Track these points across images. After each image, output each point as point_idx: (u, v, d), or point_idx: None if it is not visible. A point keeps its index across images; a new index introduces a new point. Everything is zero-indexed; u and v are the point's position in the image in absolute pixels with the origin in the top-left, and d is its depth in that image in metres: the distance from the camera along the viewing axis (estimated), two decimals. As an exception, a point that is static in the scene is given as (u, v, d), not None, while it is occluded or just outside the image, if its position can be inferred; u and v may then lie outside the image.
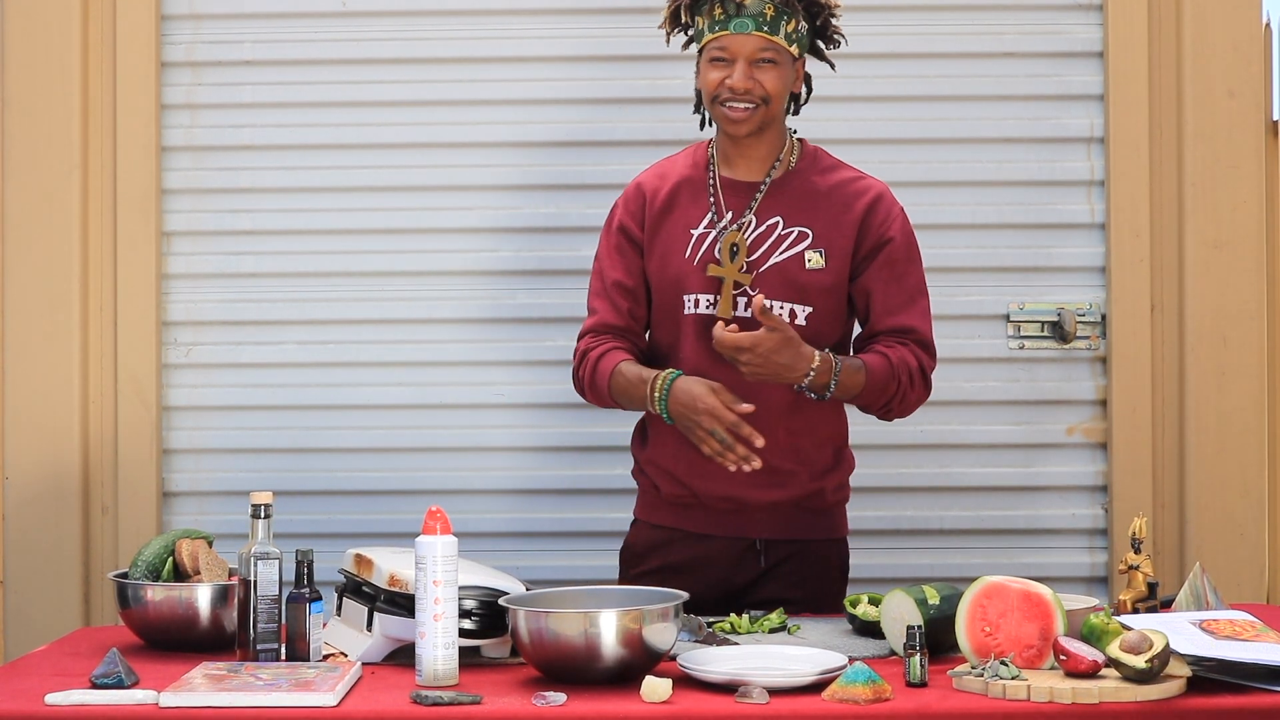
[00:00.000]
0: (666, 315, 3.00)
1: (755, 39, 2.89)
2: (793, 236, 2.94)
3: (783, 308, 2.92)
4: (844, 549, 3.09)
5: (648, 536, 3.05)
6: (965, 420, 3.79)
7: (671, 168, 3.07)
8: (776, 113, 2.95)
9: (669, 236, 2.99)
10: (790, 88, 2.97)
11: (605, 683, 2.32)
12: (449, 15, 3.82)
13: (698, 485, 2.96)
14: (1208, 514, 3.72)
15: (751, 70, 2.89)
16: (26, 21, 3.75)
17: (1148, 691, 2.20)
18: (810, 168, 3.00)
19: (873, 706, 2.19)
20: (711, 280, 2.94)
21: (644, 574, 2.99)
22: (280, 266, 3.82)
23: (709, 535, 2.99)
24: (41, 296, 3.75)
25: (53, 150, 3.75)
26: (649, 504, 3.06)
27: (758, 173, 2.99)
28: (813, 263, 2.93)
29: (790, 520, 2.99)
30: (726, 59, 2.90)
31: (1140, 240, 3.75)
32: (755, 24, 2.88)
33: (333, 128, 3.82)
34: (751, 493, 2.95)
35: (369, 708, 2.23)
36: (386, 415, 3.81)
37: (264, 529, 2.51)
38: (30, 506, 3.74)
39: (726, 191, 2.99)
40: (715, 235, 2.95)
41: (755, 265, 2.93)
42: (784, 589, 2.97)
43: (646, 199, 3.03)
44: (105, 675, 2.32)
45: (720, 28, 2.90)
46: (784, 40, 2.91)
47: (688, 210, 3.00)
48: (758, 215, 2.95)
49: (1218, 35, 3.73)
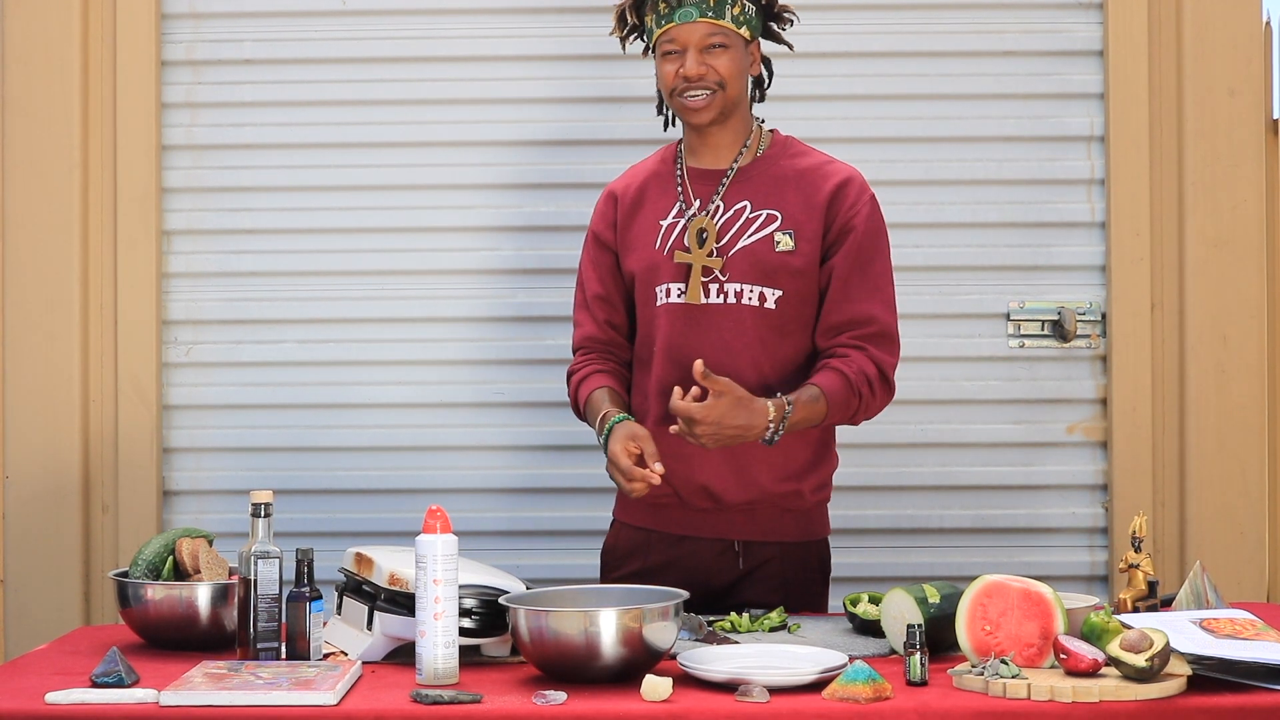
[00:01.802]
0: (642, 311, 3.01)
1: (702, 26, 2.89)
2: (761, 219, 2.93)
3: (752, 291, 2.91)
4: (825, 549, 3.05)
5: (628, 538, 3.03)
6: (965, 419, 3.80)
7: (641, 168, 3.09)
8: (735, 97, 2.94)
9: (640, 231, 3.00)
10: (747, 71, 2.97)
11: (605, 681, 2.32)
12: (449, 14, 3.82)
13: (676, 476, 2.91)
14: (1208, 512, 3.72)
15: (703, 57, 2.90)
16: (26, 21, 3.75)
17: (1148, 690, 2.20)
18: (780, 154, 2.99)
19: (873, 705, 2.19)
20: (682, 268, 2.93)
21: (624, 576, 2.97)
22: (280, 265, 3.82)
23: (687, 537, 2.97)
24: (41, 296, 3.75)
25: (53, 150, 3.75)
26: (627, 503, 3.04)
27: (724, 160, 2.99)
28: (782, 245, 2.91)
29: (768, 521, 2.97)
30: (677, 50, 2.91)
31: (1140, 239, 3.75)
32: (699, 11, 2.89)
33: (333, 126, 3.82)
34: (725, 488, 2.92)
35: (369, 706, 2.23)
36: (386, 414, 3.81)
37: (264, 528, 2.51)
38: (30, 505, 3.74)
39: (694, 180, 2.99)
40: (684, 223, 2.95)
41: (724, 250, 2.92)
42: (764, 592, 2.95)
43: (617, 200, 3.04)
44: (105, 674, 2.32)
45: (666, 21, 2.91)
46: (731, 23, 2.91)
47: (656, 203, 3.00)
48: (725, 200, 2.95)
49: (1218, 34, 3.73)
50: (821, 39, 3.78)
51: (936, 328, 3.81)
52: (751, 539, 2.96)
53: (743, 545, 2.97)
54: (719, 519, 2.96)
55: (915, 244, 3.79)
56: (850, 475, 3.78)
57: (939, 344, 3.80)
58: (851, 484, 3.78)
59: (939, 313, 3.80)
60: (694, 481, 2.93)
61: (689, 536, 2.97)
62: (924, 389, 3.79)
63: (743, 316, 2.90)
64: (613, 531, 3.09)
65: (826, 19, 3.79)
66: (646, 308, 2.99)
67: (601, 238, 3.05)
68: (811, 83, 3.79)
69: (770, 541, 2.97)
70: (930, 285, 3.80)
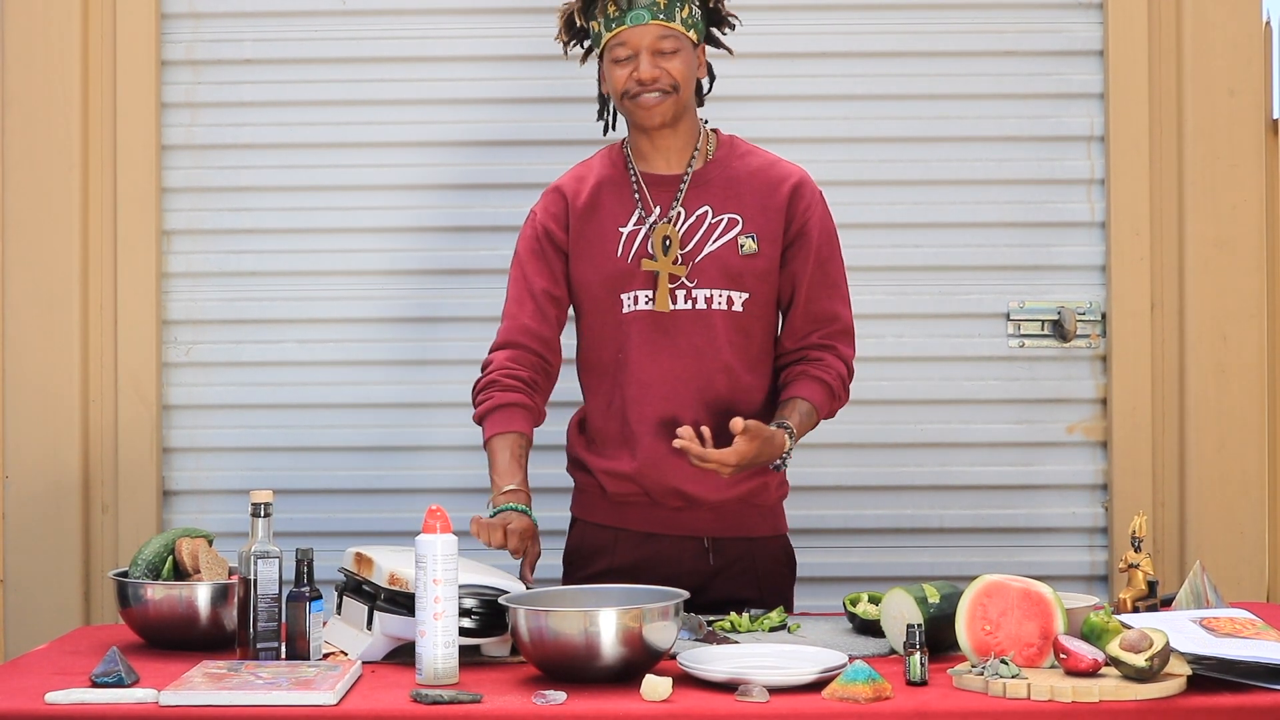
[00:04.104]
0: (602, 319, 2.97)
1: (653, 28, 2.89)
2: (724, 223, 2.94)
3: (721, 296, 2.92)
4: (789, 545, 3.08)
5: (593, 537, 3.02)
6: (965, 419, 3.80)
7: (588, 170, 3.05)
8: (686, 101, 2.95)
9: (596, 237, 2.97)
10: (695, 74, 2.97)
11: (605, 681, 2.32)
12: (449, 14, 3.83)
13: (649, 480, 2.92)
14: (1208, 512, 3.72)
15: (656, 60, 2.89)
16: (26, 21, 3.75)
17: (1148, 690, 2.20)
18: (730, 155, 3.00)
19: (873, 705, 2.19)
20: (648, 276, 2.92)
21: (591, 576, 2.96)
22: (280, 265, 3.82)
23: (655, 535, 2.97)
24: (41, 296, 3.75)
25: (53, 150, 3.75)
26: (589, 501, 3.04)
27: (677, 165, 2.98)
28: (746, 248, 2.93)
29: (736, 517, 2.98)
30: (629, 54, 2.90)
31: (1140, 239, 3.75)
32: (651, 14, 2.88)
33: (333, 126, 3.82)
34: (698, 489, 2.92)
35: (369, 706, 2.23)
36: (386, 414, 3.81)
37: (264, 528, 2.51)
38: (31, 505, 3.74)
39: (650, 186, 2.98)
40: (646, 231, 2.94)
41: (690, 256, 2.92)
42: (737, 588, 2.95)
43: (568, 201, 3.00)
44: (105, 674, 2.32)
45: (617, 24, 2.90)
46: (681, 26, 2.91)
47: (613, 209, 2.98)
48: (685, 206, 2.95)
49: (1218, 34, 3.73)
50: (822, 39, 3.79)
51: (936, 328, 3.81)
52: (721, 535, 2.97)
53: (712, 542, 2.97)
54: (687, 516, 2.96)
55: (915, 244, 3.80)
56: (850, 475, 3.80)
57: (939, 344, 3.80)
58: (852, 484, 3.80)
59: (939, 313, 3.80)
60: (667, 486, 2.93)
61: (657, 534, 2.97)
62: (924, 389, 3.79)
63: (713, 321, 2.92)
64: (575, 531, 3.08)
65: (827, 19, 3.79)
66: (604, 315, 2.97)
67: (554, 236, 3.00)
68: (812, 83, 3.80)
69: (740, 537, 2.98)
70: (930, 285, 3.80)
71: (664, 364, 2.91)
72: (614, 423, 2.96)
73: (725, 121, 3.85)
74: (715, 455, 2.73)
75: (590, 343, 3.01)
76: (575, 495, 3.08)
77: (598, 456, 3.00)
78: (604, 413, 2.98)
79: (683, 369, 2.90)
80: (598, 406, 3.00)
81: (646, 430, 2.92)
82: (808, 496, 3.75)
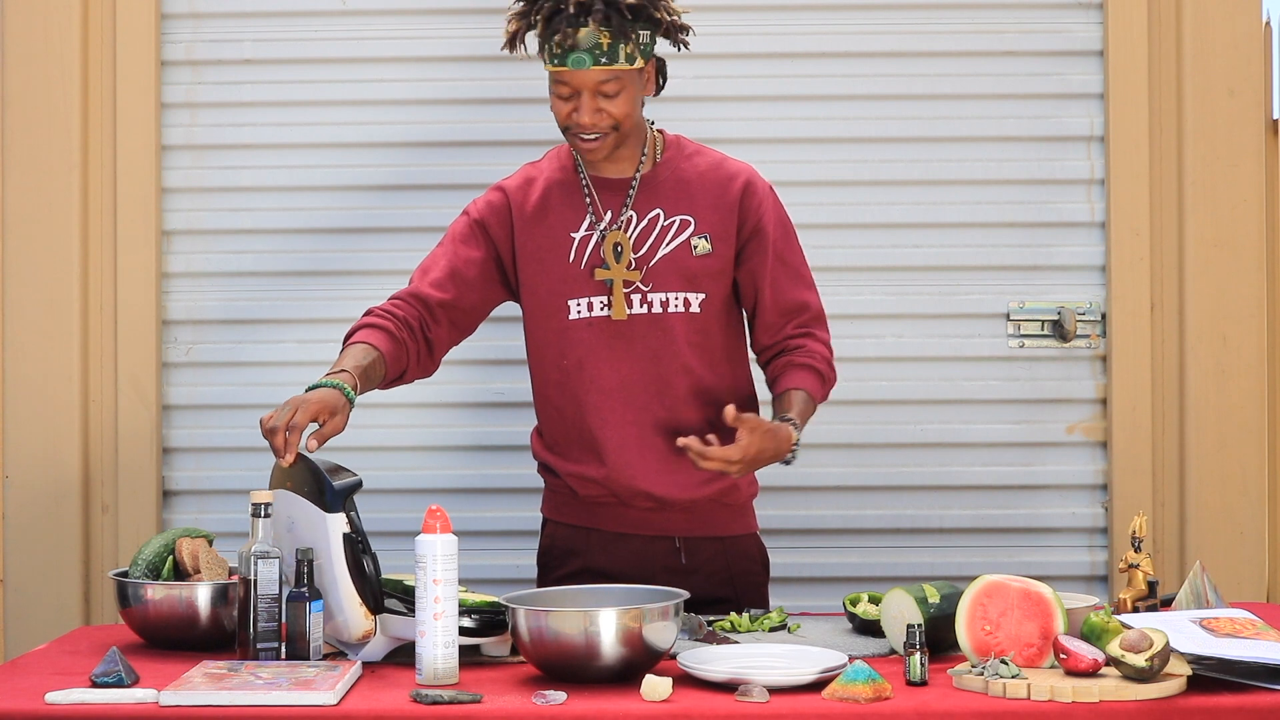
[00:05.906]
0: (546, 324, 2.95)
1: (595, 73, 2.81)
2: (676, 225, 2.93)
3: (678, 298, 2.91)
4: (761, 543, 3.08)
5: (564, 537, 3.02)
6: (965, 419, 3.80)
7: (536, 172, 3.02)
8: (629, 128, 2.89)
9: (546, 242, 2.94)
10: (641, 96, 2.91)
11: (605, 681, 2.32)
12: (449, 14, 3.82)
13: (617, 484, 2.92)
14: (1208, 512, 3.72)
15: (596, 102, 2.83)
16: (26, 21, 3.75)
17: (1148, 690, 2.20)
18: (678, 156, 2.98)
19: (873, 705, 2.19)
20: (600, 282, 2.91)
21: (565, 577, 2.95)
22: (280, 265, 3.82)
23: (626, 535, 2.96)
24: (41, 296, 3.75)
25: (53, 150, 3.75)
26: (560, 503, 3.03)
27: (627, 170, 2.95)
28: (700, 249, 2.92)
29: (708, 516, 2.98)
30: (570, 92, 2.84)
31: (1140, 239, 3.75)
32: (592, 59, 2.80)
33: (333, 126, 3.82)
34: (666, 491, 2.92)
35: (369, 706, 2.23)
36: (386, 414, 3.80)
37: (264, 528, 2.51)
38: (31, 505, 3.74)
39: (601, 191, 2.95)
40: (598, 237, 2.93)
41: (644, 260, 2.91)
42: (711, 587, 2.94)
43: (512, 205, 2.97)
44: (105, 674, 2.32)
45: (559, 62, 2.82)
46: (625, 63, 2.82)
47: (563, 214, 2.95)
48: (636, 210, 2.93)
49: (1218, 34, 3.73)
50: (822, 39, 3.79)
51: (936, 328, 3.81)
52: (692, 534, 2.97)
53: (684, 541, 2.97)
54: (658, 517, 2.96)
55: (915, 244, 3.80)
56: (850, 475, 3.80)
57: (939, 344, 3.80)
58: (852, 484, 3.80)
59: (939, 313, 3.80)
60: (636, 489, 2.93)
61: (628, 535, 2.97)
62: (924, 389, 3.79)
63: (671, 324, 2.91)
64: (546, 532, 3.07)
65: (827, 19, 3.79)
66: (548, 320, 2.95)
67: (490, 231, 2.98)
68: (812, 83, 3.80)
69: (712, 537, 2.98)
70: (930, 285, 3.80)
71: (622, 370, 2.90)
72: (574, 430, 2.95)
73: (725, 122, 3.87)
74: (718, 453, 2.73)
75: (539, 349, 2.99)
76: (546, 496, 3.08)
77: (563, 460, 2.99)
78: (559, 419, 2.97)
79: (641, 373, 2.90)
80: (551, 414, 2.99)
81: (610, 435, 2.91)
82: (808, 496, 3.76)
